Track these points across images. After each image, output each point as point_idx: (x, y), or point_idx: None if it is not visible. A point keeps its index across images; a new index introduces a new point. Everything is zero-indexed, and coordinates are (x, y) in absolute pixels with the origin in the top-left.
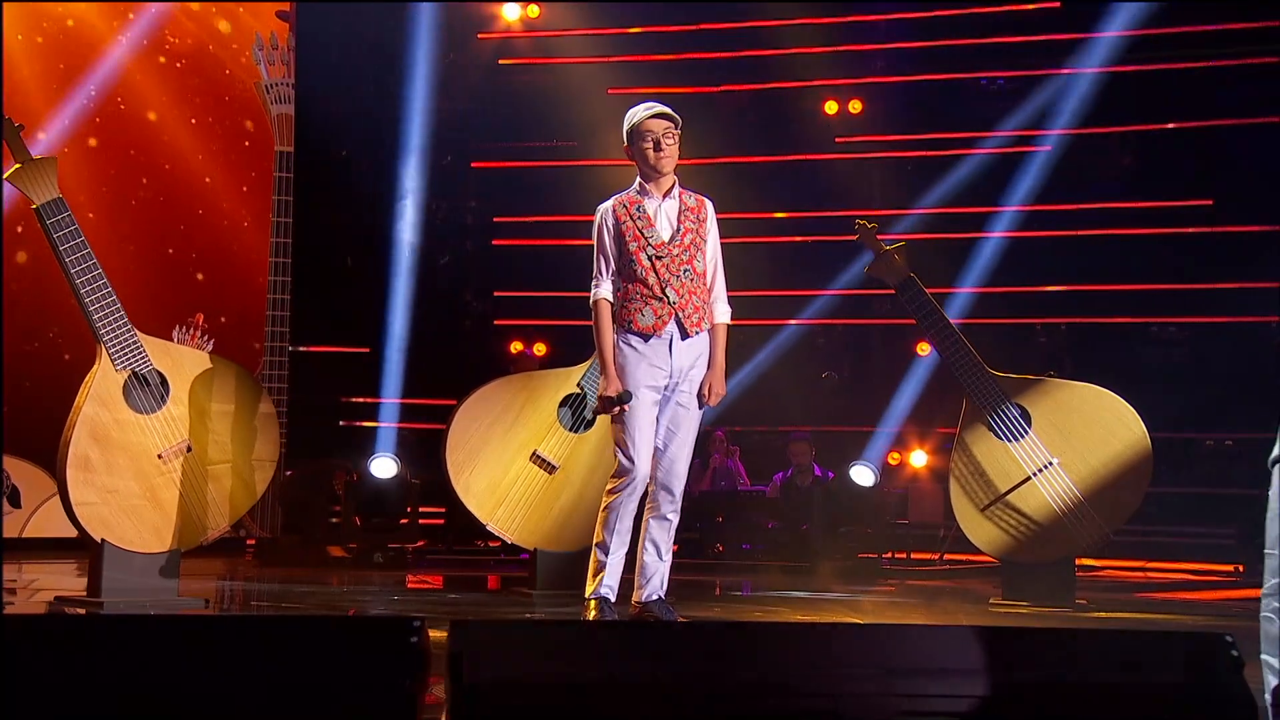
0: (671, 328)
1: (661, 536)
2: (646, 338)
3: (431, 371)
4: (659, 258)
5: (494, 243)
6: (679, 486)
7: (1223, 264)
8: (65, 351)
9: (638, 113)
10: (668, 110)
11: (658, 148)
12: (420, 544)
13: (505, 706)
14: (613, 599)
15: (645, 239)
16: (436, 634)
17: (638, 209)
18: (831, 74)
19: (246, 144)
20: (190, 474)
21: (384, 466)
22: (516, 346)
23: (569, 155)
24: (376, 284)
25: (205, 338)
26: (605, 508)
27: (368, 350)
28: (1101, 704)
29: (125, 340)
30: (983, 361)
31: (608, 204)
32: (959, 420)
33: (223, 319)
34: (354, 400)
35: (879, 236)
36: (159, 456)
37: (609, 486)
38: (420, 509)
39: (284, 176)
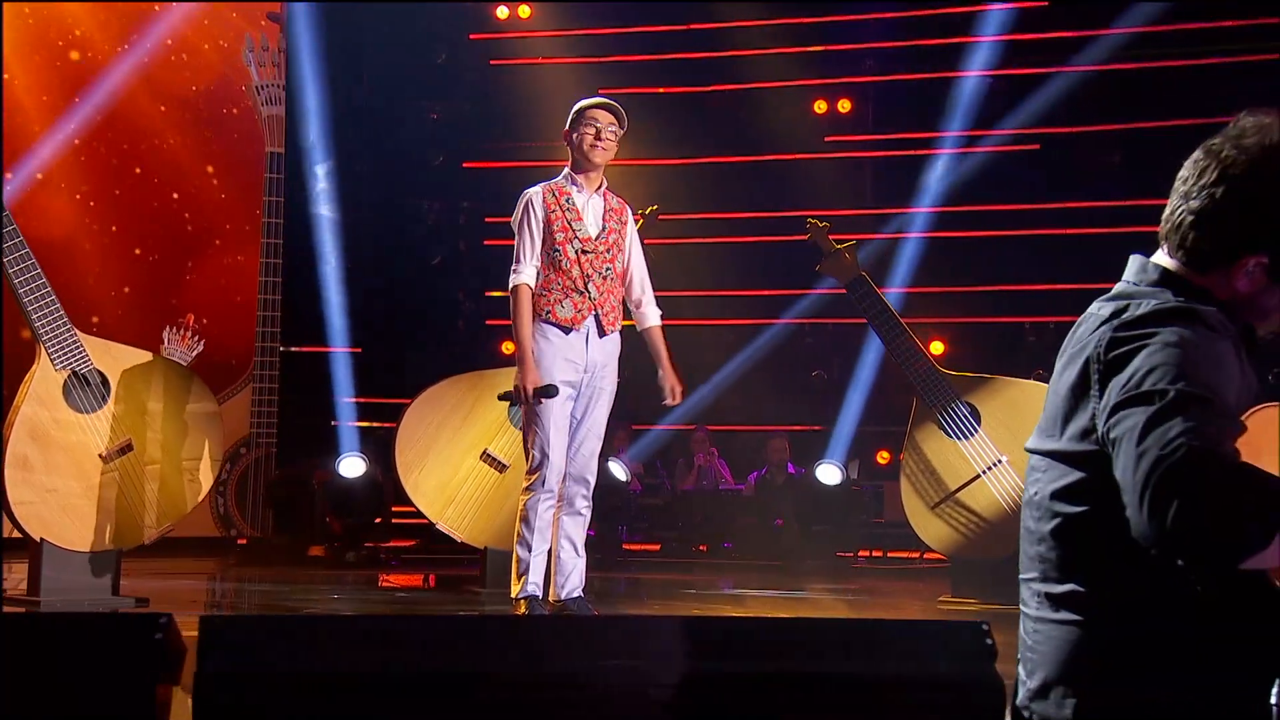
0: (590, 322)
1: (576, 532)
2: (565, 330)
3: (424, 371)
4: (585, 252)
5: (485, 243)
6: (592, 480)
7: None
8: None
9: (588, 100)
10: (616, 106)
11: (598, 137)
12: (391, 543)
13: (247, 698)
14: (540, 596)
15: (573, 231)
16: None
17: (567, 200)
18: (820, 74)
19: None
20: (131, 473)
21: (352, 466)
22: (509, 347)
23: (560, 155)
24: (368, 284)
25: (196, 338)
26: (523, 505)
27: (360, 350)
28: (855, 691)
29: (64, 340)
30: (933, 361)
31: (535, 189)
32: (909, 419)
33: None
34: (346, 400)
35: (830, 236)
36: (99, 456)
37: (525, 484)
38: (394, 508)
39: (274, 178)
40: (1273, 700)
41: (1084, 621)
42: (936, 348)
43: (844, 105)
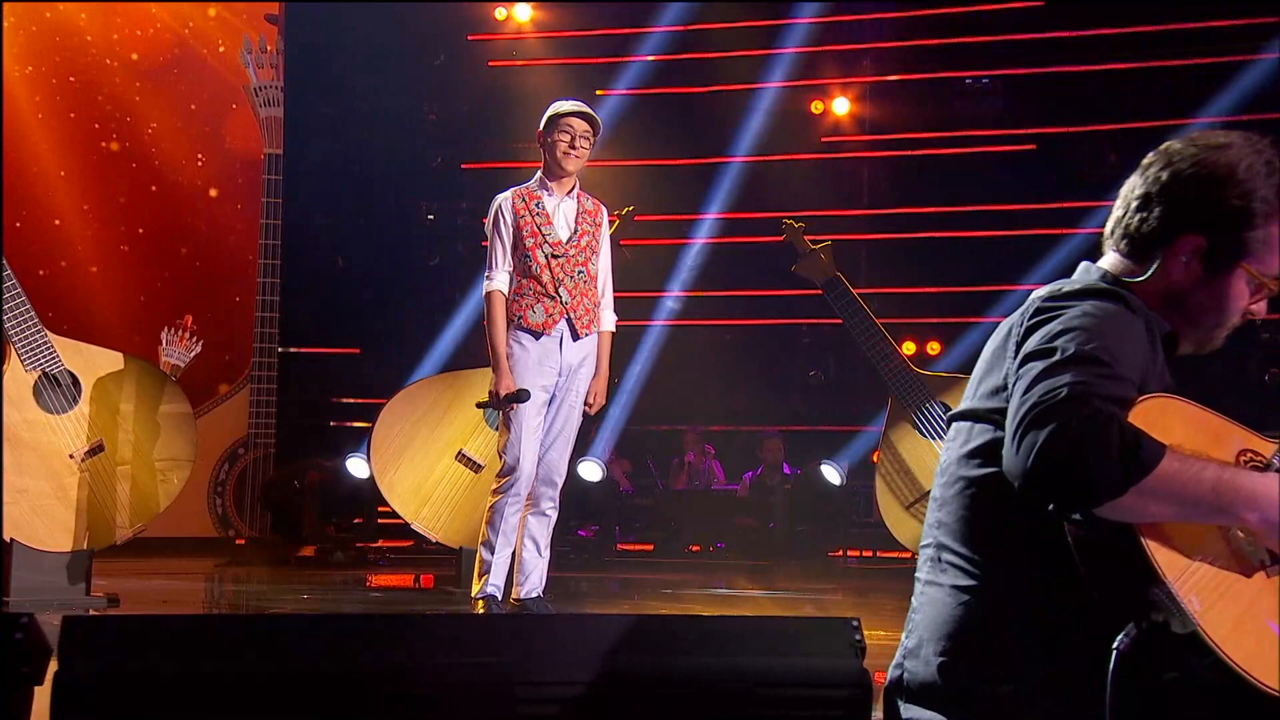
0: (562, 326)
1: (541, 533)
2: (536, 335)
3: (421, 372)
4: (555, 256)
5: (484, 244)
6: (560, 483)
7: None
8: None
9: (563, 106)
10: (592, 114)
11: (572, 145)
12: (384, 544)
13: (106, 700)
14: (500, 597)
15: (543, 236)
16: None
17: (536, 204)
18: (821, 74)
19: (230, 145)
20: (102, 474)
21: (359, 467)
22: None
23: None
24: (366, 285)
25: (194, 339)
26: (490, 507)
27: (358, 351)
28: (727, 686)
29: (34, 340)
30: (907, 360)
31: (506, 195)
32: (884, 418)
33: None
34: (344, 400)
35: (806, 237)
36: (70, 456)
37: (494, 486)
38: (379, 509)
39: (273, 179)
40: (1115, 645)
41: (968, 585)
42: (933, 348)
43: (841, 106)
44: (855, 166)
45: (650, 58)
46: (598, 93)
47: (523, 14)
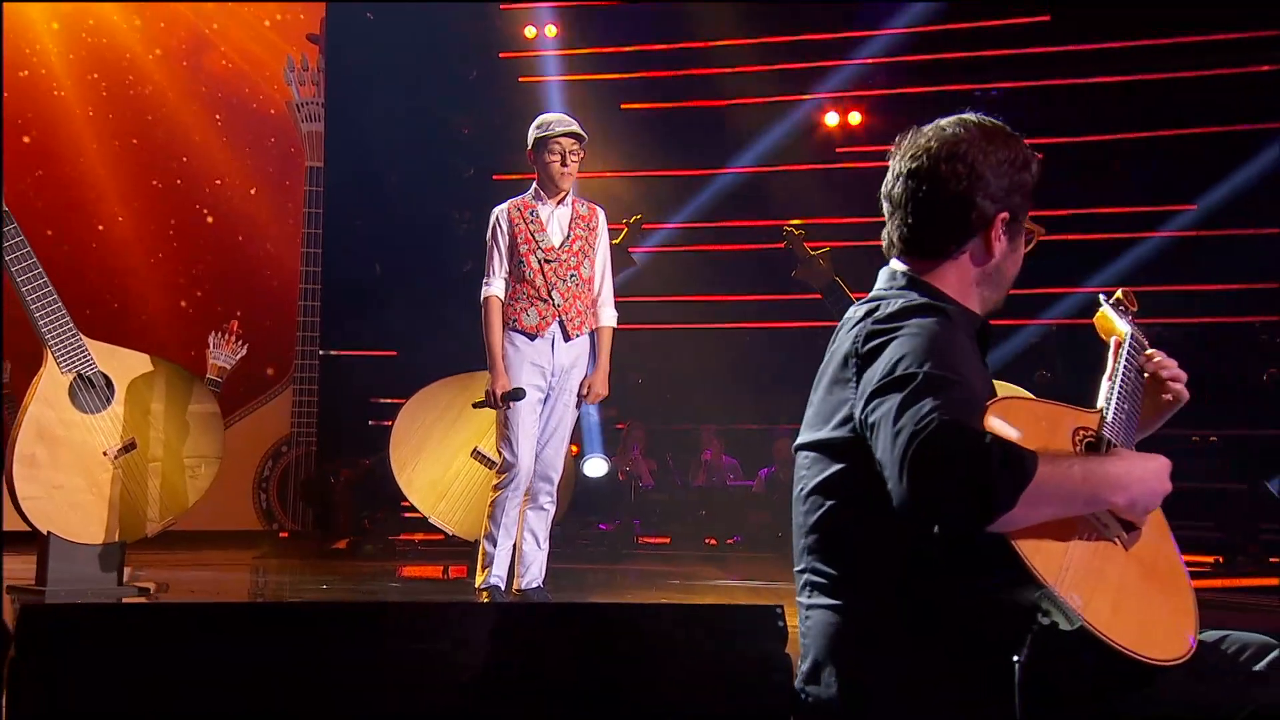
0: (554, 329)
1: (540, 526)
2: (530, 337)
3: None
4: (548, 261)
5: None
6: (556, 478)
7: (1207, 267)
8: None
9: (552, 126)
10: (578, 130)
11: (563, 163)
12: (420, 537)
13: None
14: (503, 587)
15: (536, 242)
16: None
17: (531, 213)
18: (835, 87)
19: (278, 159)
20: (134, 470)
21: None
22: None
23: (583, 167)
24: (402, 291)
25: (239, 342)
26: (491, 502)
27: (394, 354)
28: (657, 669)
29: (70, 344)
30: None
31: (503, 206)
32: None
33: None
34: (382, 401)
35: (806, 244)
36: (104, 454)
37: (494, 482)
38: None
39: (314, 190)
40: (1017, 658)
41: (844, 606)
42: None
43: (854, 118)
44: (869, 176)
45: (670, 73)
46: (622, 106)
47: (551, 32)
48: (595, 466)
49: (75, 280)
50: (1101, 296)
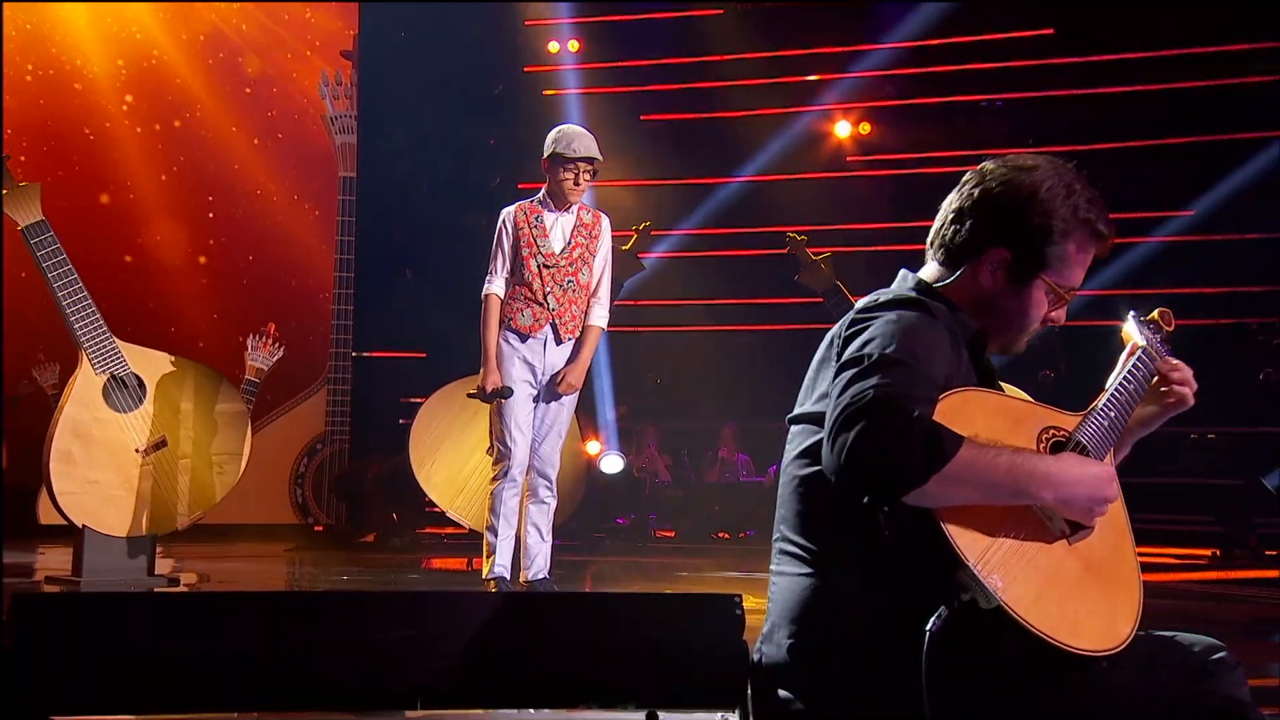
0: (547, 331)
1: (541, 519)
2: (523, 337)
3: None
4: (547, 266)
5: None
6: (554, 473)
7: (1205, 270)
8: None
9: (573, 146)
10: (597, 154)
11: (576, 182)
12: (448, 530)
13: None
14: (507, 576)
15: (537, 247)
16: None
17: (536, 218)
18: (848, 98)
19: (313, 170)
20: (164, 466)
21: None
22: None
23: (603, 176)
24: (431, 295)
25: (276, 345)
26: (490, 494)
27: (424, 355)
28: (618, 654)
29: (104, 346)
30: None
31: (511, 208)
32: None
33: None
34: (412, 400)
35: (809, 250)
36: (136, 451)
37: (491, 475)
38: None
39: (347, 199)
40: (928, 627)
41: (807, 574)
42: None
43: (864, 128)
44: (878, 183)
45: (686, 85)
46: (641, 117)
47: (573, 48)
48: (611, 463)
49: (119, 286)
50: (1131, 313)
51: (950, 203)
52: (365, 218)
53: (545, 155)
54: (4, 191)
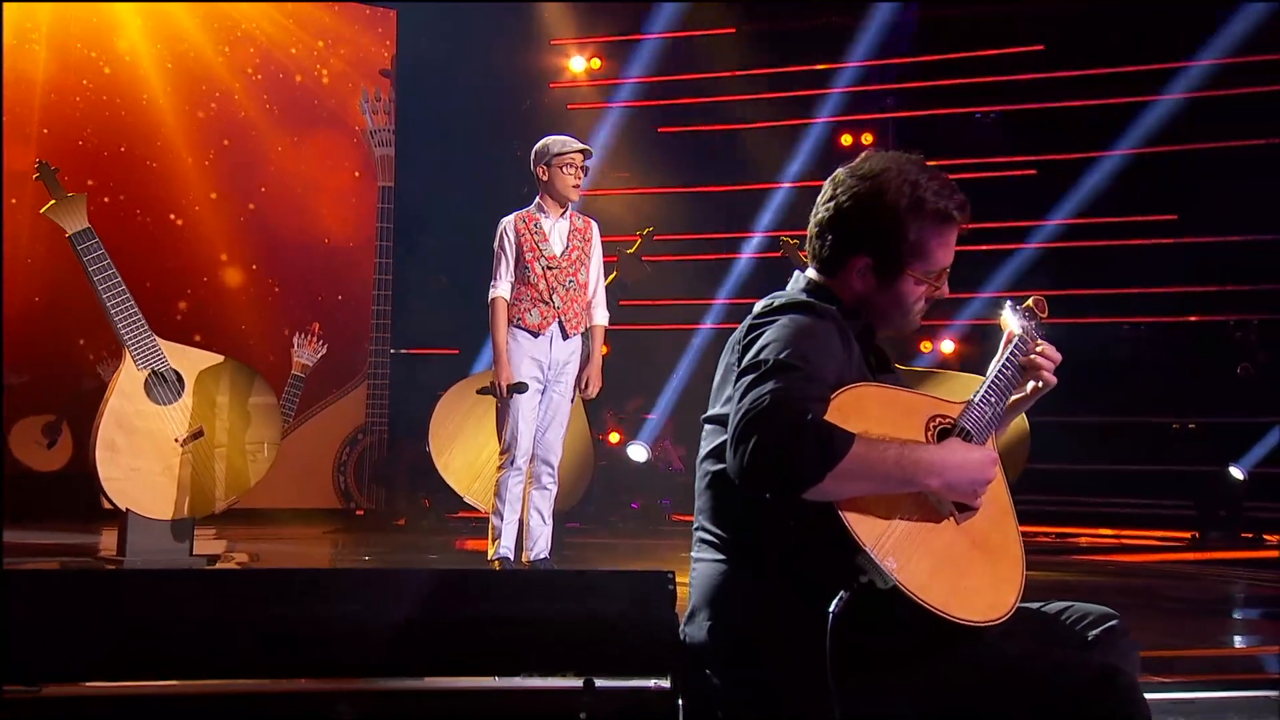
0: (554, 327)
1: (543, 504)
2: (533, 334)
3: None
4: (550, 268)
5: None
6: (556, 461)
7: (1186, 270)
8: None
9: (568, 143)
10: (588, 148)
11: (576, 175)
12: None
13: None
14: (511, 558)
15: (540, 251)
16: None
17: (535, 225)
18: (851, 110)
19: (356, 176)
20: (202, 455)
21: None
22: None
23: (624, 184)
24: (464, 296)
25: (320, 342)
26: (496, 481)
27: (457, 352)
28: (553, 628)
29: (146, 344)
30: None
31: (510, 218)
32: None
33: (332, 327)
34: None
35: (800, 254)
36: (175, 440)
37: (498, 463)
38: None
39: (386, 207)
40: (830, 609)
41: (721, 560)
42: (946, 347)
43: (866, 138)
44: None
45: (699, 99)
46: (659, 130)
47: (595, 65)
48: (636, 451)
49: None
50: (1008, 302)
51: (814, 214)
52: (402, 224)
53: (540, 164)
54: (52, 203)
